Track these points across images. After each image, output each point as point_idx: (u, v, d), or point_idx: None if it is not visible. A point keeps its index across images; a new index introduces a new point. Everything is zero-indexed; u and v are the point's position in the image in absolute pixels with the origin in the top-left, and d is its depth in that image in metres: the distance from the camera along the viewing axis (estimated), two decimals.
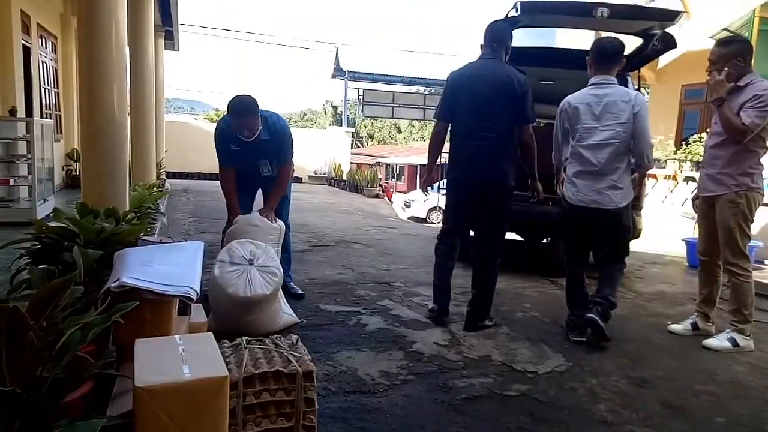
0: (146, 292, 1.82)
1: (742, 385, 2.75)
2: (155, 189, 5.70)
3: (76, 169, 8.98)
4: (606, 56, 3.32)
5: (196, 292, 1.93)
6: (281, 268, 2.99)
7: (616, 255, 3.37)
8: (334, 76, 18.76)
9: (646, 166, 3.33)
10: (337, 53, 18.32)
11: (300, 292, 3.87)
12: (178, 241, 2.67)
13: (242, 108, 3.31)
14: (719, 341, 3.29)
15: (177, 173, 13.31)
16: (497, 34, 3.46)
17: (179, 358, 1.42)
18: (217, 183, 3.81)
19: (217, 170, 3.68)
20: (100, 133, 3.27)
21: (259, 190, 3.86)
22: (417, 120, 25.95)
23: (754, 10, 6.45)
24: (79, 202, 3.07)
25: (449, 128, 3.48)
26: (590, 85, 3.35)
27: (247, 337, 1.98)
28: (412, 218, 16.59)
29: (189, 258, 2.17)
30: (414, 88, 22.45)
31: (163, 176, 9.57)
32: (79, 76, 3.37)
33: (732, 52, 3.18)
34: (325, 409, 2.20)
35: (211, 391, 1.36)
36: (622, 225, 3.27)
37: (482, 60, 3.43)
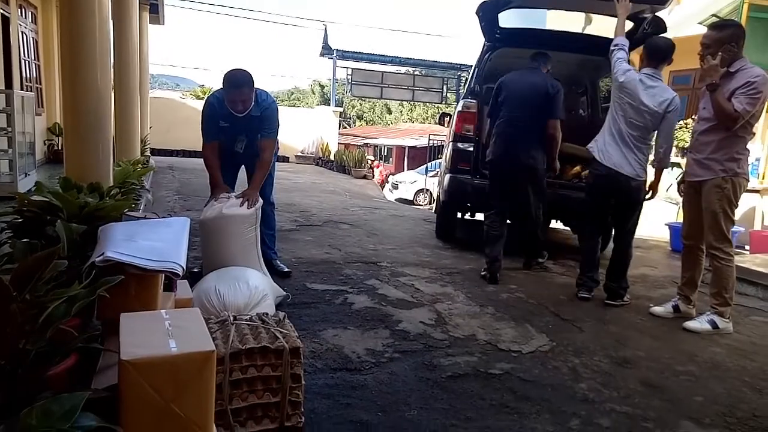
0: (131, 267, 1.79)
1: (720, 365, 2.81)
2: (140, 165, 5.61)
3: (58, 144, 8.80)
4: (659, 53, 3.74)
5: (182, 267, 1.91)
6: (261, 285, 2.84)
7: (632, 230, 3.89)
8: (322, 55, 18.50)
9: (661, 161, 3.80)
10: (325, 31, 18.06)
11: (286, 269, 3.86)
12: (163, 218, 2.63)
13: (239, 80, 3.33)
14: (699, 323, 3.36)
15: (161, 150, 13.11)
16: (543, 56, 4.52)
17: (165, 333, 1.41)
18: (201, 160, 3.78)
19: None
20: (84, 107, 3.19)
21: (242, 169, 3.82)
22: (406, 101, 25.80)
23: None
24: (62, 176, 3.02)
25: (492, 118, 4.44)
26: (644, 74, 3.71)
27: (234, 314, 1.97)
28: (399, 200, 16.60)
29: (175, 234, 2.14)
30: (403, 69, 22.28)
31: (148, 153, 9.43)
32: (61, 48, 3.27)
33: (726, 36, 3.19)
34: (311, 385, 2.22)
35: (198, 366, 1.35)
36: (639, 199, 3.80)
37: (527, 69, 4.41)
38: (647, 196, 3.89)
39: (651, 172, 3.89)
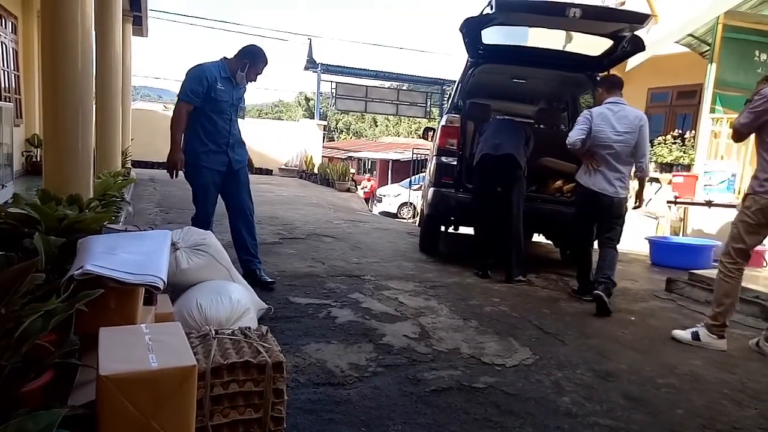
0: (111, 280, 1.77)
1: (700, 378, 2.84)
2: (120, 177, 5.54)
3: (37, 156, 8.65)
4: (618, 83, 4.33)
5: (163, 281, 1.88)
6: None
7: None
8: (307, 69, 18.56)
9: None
10: (310, 45, 18.12)
11: (269, 280, 3.84)
12: (144, 230, 2.59)
13: (266, 56, 3.75)
14: (683, 333, 3.40)
15: (143, 162, 13.00)
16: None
17: (145, 347, 1.38)
18: (170, 120, 3.69)
19: None
20: (64, 118, 3.15)
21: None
22: (390, 115, 25.93)
23: (718, 17, 6.65)
24: (41, 188, 2.97)
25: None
26: (609, 103, 4.21)
27: (215, 328, 1.94)
28: (383, 213, 16.63)
29: (156, 247, 2.12)
30: (388, 83, 22.41)
31: (129, 164, 9.33)
32: (42, 59, 3.23)
33: None
34: (294, 400, 2.19)
35: (178, 381, 1.33)
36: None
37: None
38: (635, 205, 4.42)
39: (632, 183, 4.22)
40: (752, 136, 3.37)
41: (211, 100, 3.63)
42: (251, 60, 3.72)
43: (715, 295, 3.38)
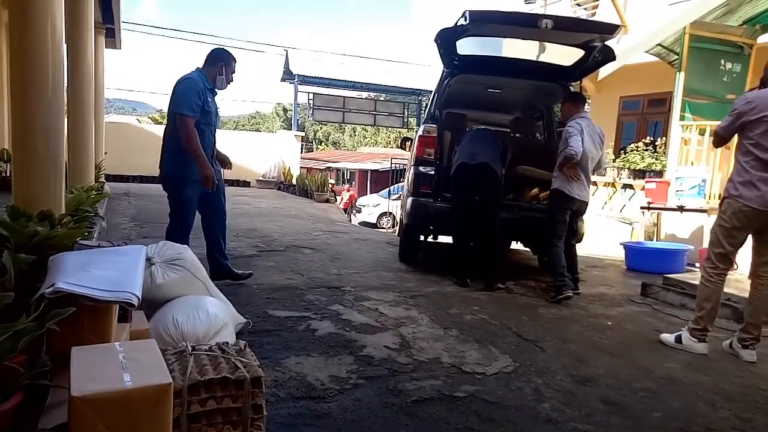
0: (83, 298, 1.73)
1: (676, 380, 2.89)
2: (94, 192, 5.44)
3: (6, 171, 8.45)
4: (583, 97, 4.84)
5: (138, 297, 1.85)
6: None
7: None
8: (283, 80, 18.53)
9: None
10: (286, 56, 18.12)
11: (247, 272, 4.22)
12: (118, 246, 2.55)
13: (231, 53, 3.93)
14: (669, 336, 3.48)
15: (117, 176, 12.79)
16: None
17: (119, 366, 1.36)
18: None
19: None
20: (34, 132, 3.09)
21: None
22: (368, 125, 26.00)
23: (685, 28, 6.84)
24: (10, 204, 2.89)
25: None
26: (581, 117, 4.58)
27: (192, 344, 1.91)
28: (362, 223, 16.61)
29: (130, 262, 2.08)
30: (365, 94, 22.50)
31: (102, 179, 9.17)
32: (10, 72, 3.16)
33: None
34: (274, 415, 2.16)
35: (154, 400, 1.31)
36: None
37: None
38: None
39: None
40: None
41: (203, 113, 3.71)
42: (225, 61, 3.86)
43: (697, 300, 3.42)
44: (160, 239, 3.21)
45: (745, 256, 5.70)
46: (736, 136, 3.30)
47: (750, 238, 3.32)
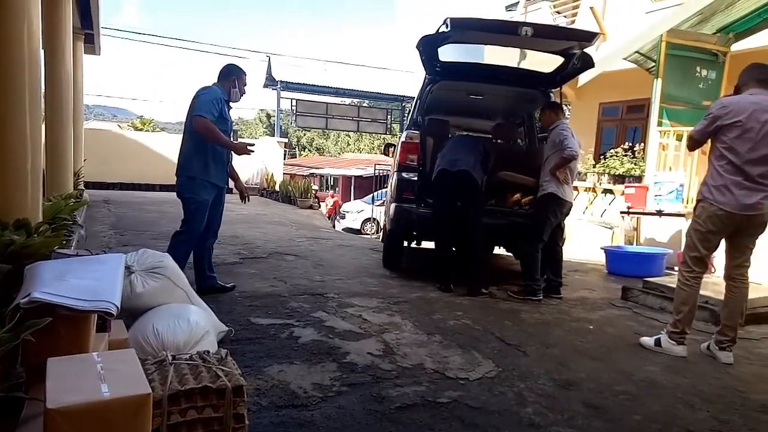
0: (60, 308, 1.70)
1: (656, 383, 2.93)
2: (72, 199, 5.36)
3: None
4: (560, 105, 5.07)
5: (116, 307, 1.82)
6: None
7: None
8: (266, 86, 18.50)
9: None
10: (269, 63, 18.09)
11: (229, 284, 4.22)
12: (97, 254, 2.51)
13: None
14: (649, 339, 3.52)
15: (97, 183, 12.62)
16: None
17: (97, 376, 1.33)
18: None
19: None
20: (10, 140, 3.03)
21: None
22: (351, 132, 26.03)
23: (662, 35, 6.97)
24: None
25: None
26: (564, 124, 4.79)
27: (173, 353, 1.89)
28: (346, 229, 16.59)
29: (109, 271, 2.05)
30: (348, 100, 22.53)
31: (82, 186, 9.04)
32: None
33: None
34: (256, 424, 2.14)
35: (132, 411, 1.29)
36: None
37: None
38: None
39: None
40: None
41: (221, 121, 3.93)
42: (237, 75, 4.13)
43: (674, 303, 3.47)
44: (140, 247, 3.17)
45: (721, 259, 5.81)
46: (710, 140, 3.35)
47: (723, 241, 3.38)
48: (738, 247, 3.34)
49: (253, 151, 4.02)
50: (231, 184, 4.34)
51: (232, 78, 4.10)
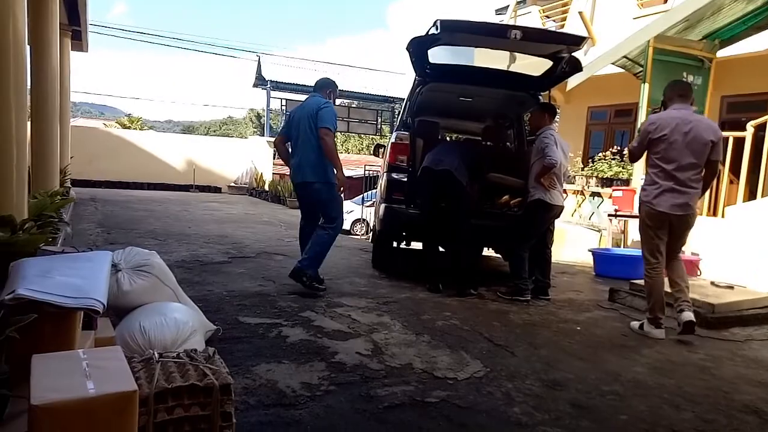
0: (46, 305, 1.68)
1: (642, 384, 2.96)
2: (58, 197, 5.30)
3: None
4: (555, 108, 5.12)
5: (103, 304, 1.80)
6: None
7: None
8: (256, 86, 18.45)
9: None
10: (259, 62, 18.04)
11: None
12: (83, 252, 2.48)
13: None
14: (635, 322, 4.00)
15: (84, 181, 12.49)
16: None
17: (82, 374, 1.32)
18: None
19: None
20: None
21: None
22: (341, 132, 25.98)
23: (649, 41, 7.05)
24: None
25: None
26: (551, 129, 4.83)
27: (160, 351, 1.88)
28: None
29: (95, 269, 2.03)
30: (338, 100, 22.49)
31: (68, 183, 8.94)
32: None
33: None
34: (244, 423, 2.13)
35: (118, 408, 1.28)
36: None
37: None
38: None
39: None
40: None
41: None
42: (332, 88, 4.61)
43: (646, 294, 3.96)
44: (127, 245, 3.14)
45: (707, 263, 5.88)
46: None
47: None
48: (672, 240, 3.83)
49: (342, 192, 4.51)
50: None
51: (328, 90, 4.55)
